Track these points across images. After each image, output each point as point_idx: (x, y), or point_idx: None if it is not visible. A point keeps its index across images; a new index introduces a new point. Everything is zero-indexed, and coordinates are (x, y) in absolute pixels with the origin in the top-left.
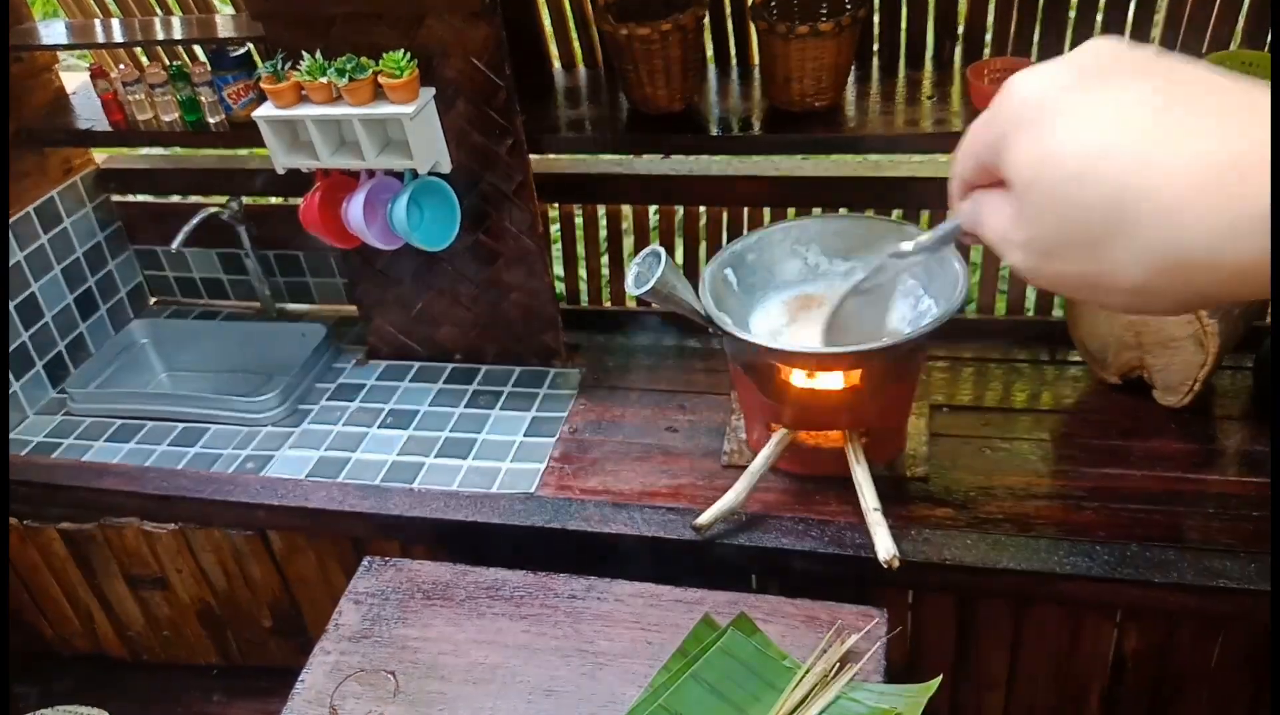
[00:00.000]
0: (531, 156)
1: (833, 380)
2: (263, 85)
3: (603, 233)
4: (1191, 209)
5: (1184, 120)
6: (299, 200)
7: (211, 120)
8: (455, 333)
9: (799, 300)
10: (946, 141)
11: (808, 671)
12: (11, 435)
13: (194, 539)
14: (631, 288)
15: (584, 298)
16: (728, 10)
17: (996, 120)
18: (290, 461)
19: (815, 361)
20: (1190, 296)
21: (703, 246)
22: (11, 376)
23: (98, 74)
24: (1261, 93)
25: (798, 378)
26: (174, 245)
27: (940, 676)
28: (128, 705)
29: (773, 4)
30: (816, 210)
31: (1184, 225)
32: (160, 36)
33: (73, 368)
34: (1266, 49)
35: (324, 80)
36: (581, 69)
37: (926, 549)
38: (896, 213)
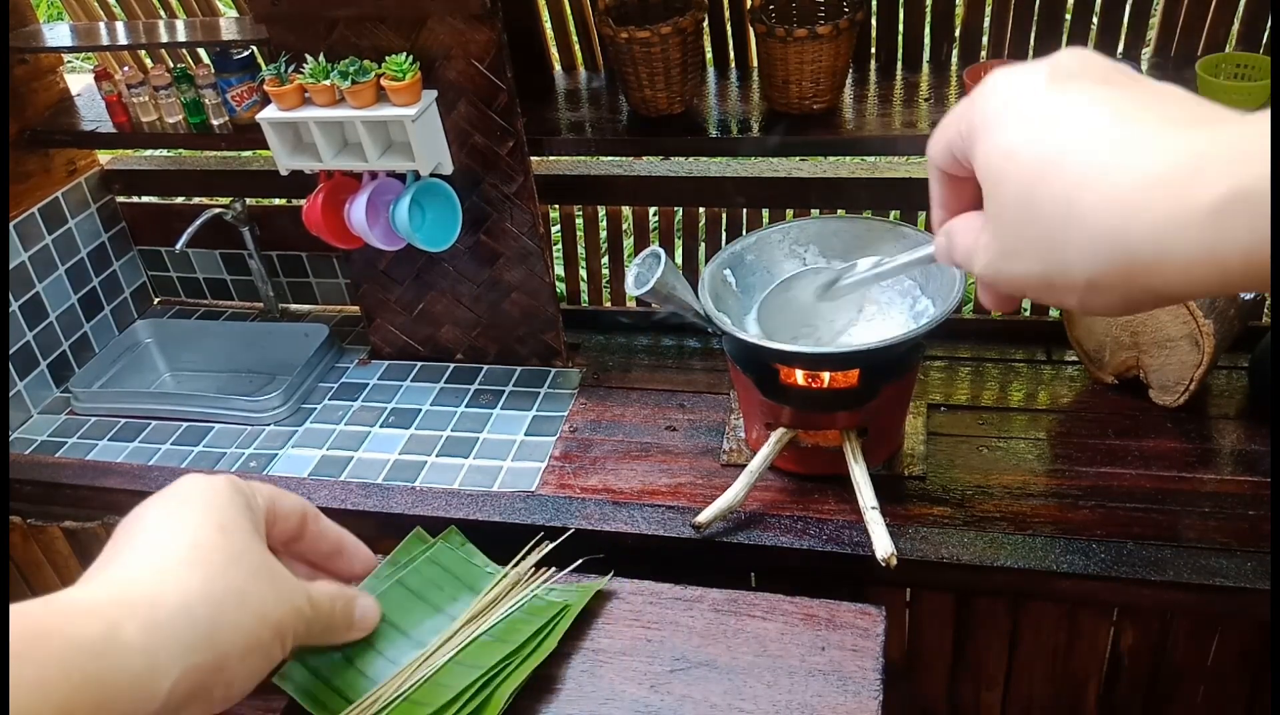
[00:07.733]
0: (532, 158)
1: (831, 380)
2: (266, 88)
3: (603, 233)
4: (1139, 206)
5: (1139, 126)
6: (302, 202)
7: (215, 122)
8: (457, 333)
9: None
10: None
11: (504, 576)
12: (15, 434)
13: None
14: (631, 288)
15: (584, 298)
16: (726, 14)
17: (969, 114)
18: (293, 460)
19: (814, 361)
20: (1139, 294)
21: (702, 247)
22: (15, 376)
23: (102, 76)
24: (1214, 110)
25: (796, 377)
26: (178, 246)
27: (611, 573)
28: None
29: (771, 7)
30: (815, 211)
31: (1132, 221)
32: (164, 39)
33: (77, 367)
34: (1262, 51)
35: (327, 83)
36: (582, 72)
37: (924, 547)
38: (894, 213)
